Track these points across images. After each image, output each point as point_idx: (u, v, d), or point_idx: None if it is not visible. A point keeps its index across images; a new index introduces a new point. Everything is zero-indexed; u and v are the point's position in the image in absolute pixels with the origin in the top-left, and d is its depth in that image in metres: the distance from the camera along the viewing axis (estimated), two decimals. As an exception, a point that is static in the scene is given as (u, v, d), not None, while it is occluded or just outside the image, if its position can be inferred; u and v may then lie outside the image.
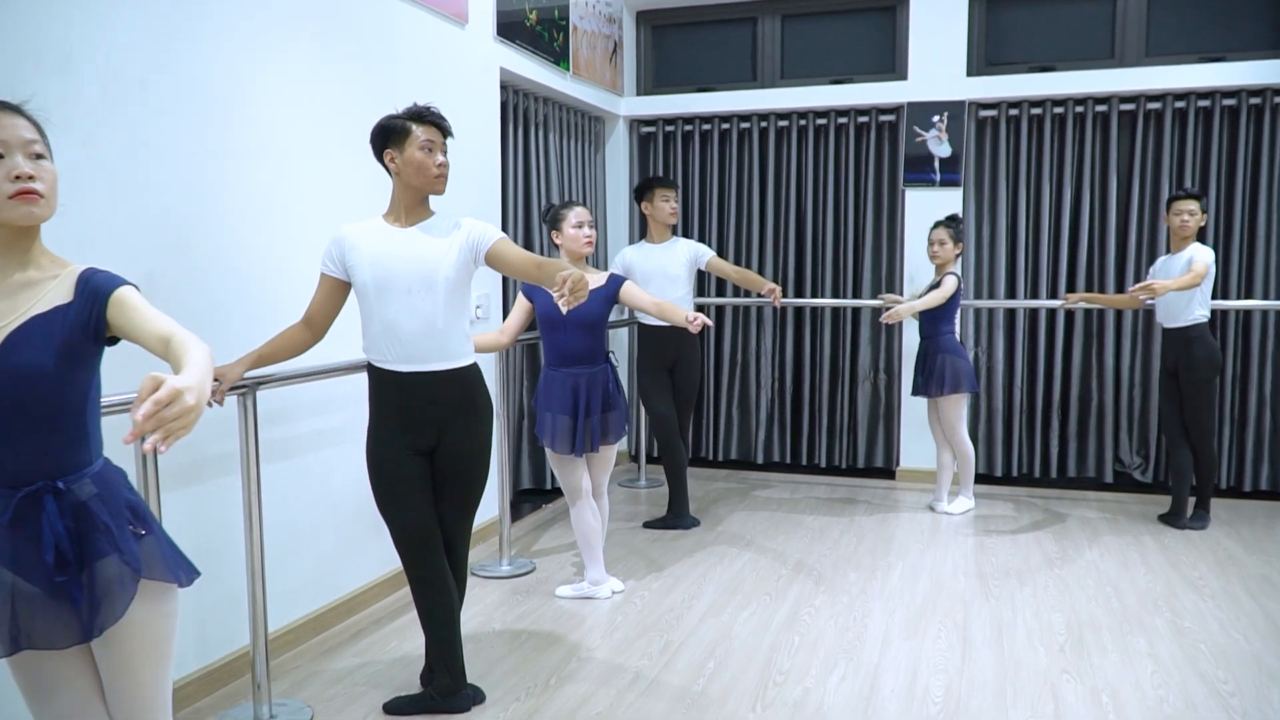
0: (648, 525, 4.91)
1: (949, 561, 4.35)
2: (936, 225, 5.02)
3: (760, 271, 6.17)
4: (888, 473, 6.03)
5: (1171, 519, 4.89)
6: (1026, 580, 4.07)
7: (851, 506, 5.33)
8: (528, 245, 5.29)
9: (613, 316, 4.18)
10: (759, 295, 5.05)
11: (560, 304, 2.35)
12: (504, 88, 4.99)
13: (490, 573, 4.17)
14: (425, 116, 2.71)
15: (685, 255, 4.85)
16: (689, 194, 6.30)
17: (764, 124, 6.11)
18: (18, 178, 1.63)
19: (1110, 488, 5.69)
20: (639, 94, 6.37)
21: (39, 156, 1.67)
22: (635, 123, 6.34)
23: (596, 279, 3.69)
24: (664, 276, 4.80)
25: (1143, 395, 5.67)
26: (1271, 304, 5.29)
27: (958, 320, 5.25)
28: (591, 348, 3.68)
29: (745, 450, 6.34)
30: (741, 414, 6.32)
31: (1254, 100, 5.35)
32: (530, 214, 5.33)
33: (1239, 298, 5.46)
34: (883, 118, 5.90)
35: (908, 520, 5.04)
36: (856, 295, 6.03)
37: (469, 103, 4.43)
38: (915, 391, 5.09)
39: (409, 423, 2.75)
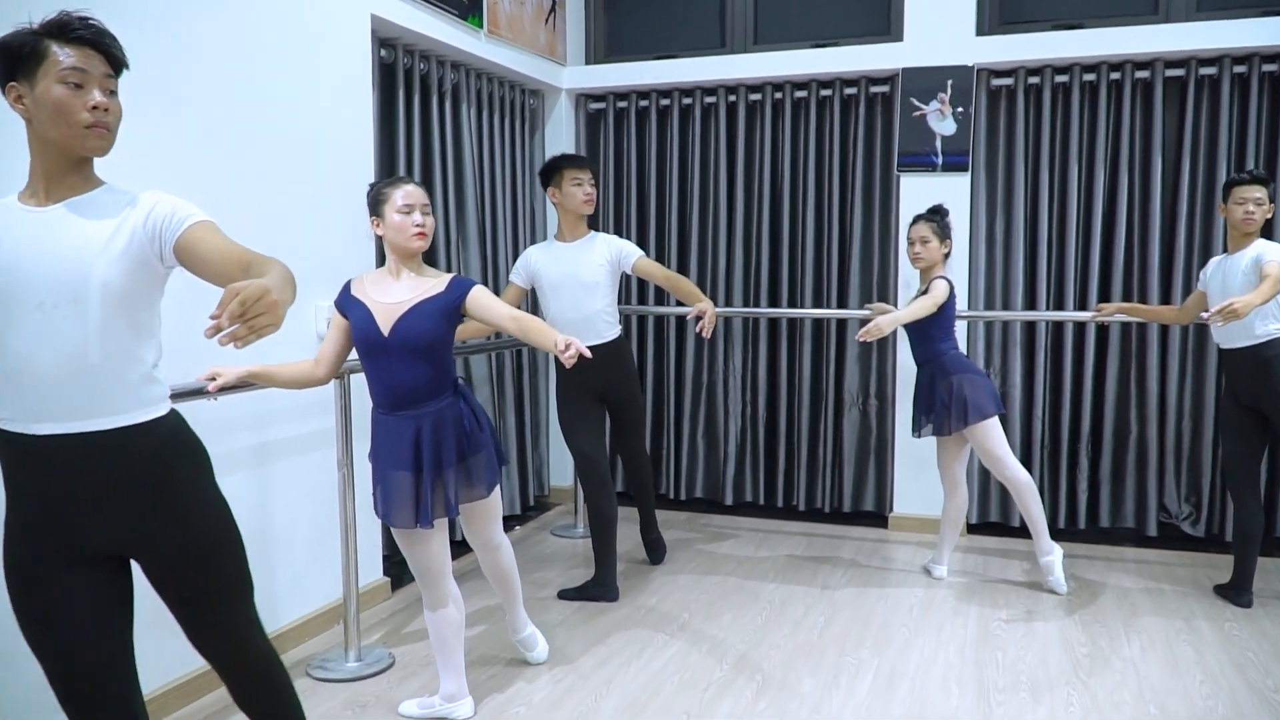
0: (563, 595, 3.90)
1: (940, 660, 3.31)
2: (916, 220, 3.98)
3: (730, 276, 5.14)
4: (879, 519, 4.99)
5: (1233, 593, 3.82)
6: (1041, 696, 3.02)
7: (828, 568, 4.30)
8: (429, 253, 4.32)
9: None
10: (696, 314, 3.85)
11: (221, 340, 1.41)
12: (388, 45, 4.01)
13: (329, 672, 3.18)
14: (71, 30, 1.72)
15: (605, 256, 3.83)
16: (645, 184, 5.29)
17: (733, 98, 5.09)
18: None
19: (1152, 543, 4.61)
20: (587, 63, 5.37)
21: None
22: (582, 97, 5.33)
23: (427, 286, 2.70)
24: (577, 284, 3.79)
25: (1193, 430, 4.59)
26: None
27: (959, 336, 4.21)
28: (430, 379, 2.68)
29: (713, 488, 5.32)
30: (708, 446, 5.30)
31: (1338, 62, 4.26)
32: (431, 205, 4.34)
33: (1316, 309, 4.37)
34: (874, 89, 4.86)
35: (896, 591, 3.99)
36: (843, 304, 4.99)
37: (326, 58, 3.46)
38: (919, 431, 4.04)
39: (53, 518, 1.77)
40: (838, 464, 5.06)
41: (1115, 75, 4.52)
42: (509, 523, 4.94)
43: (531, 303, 4.76)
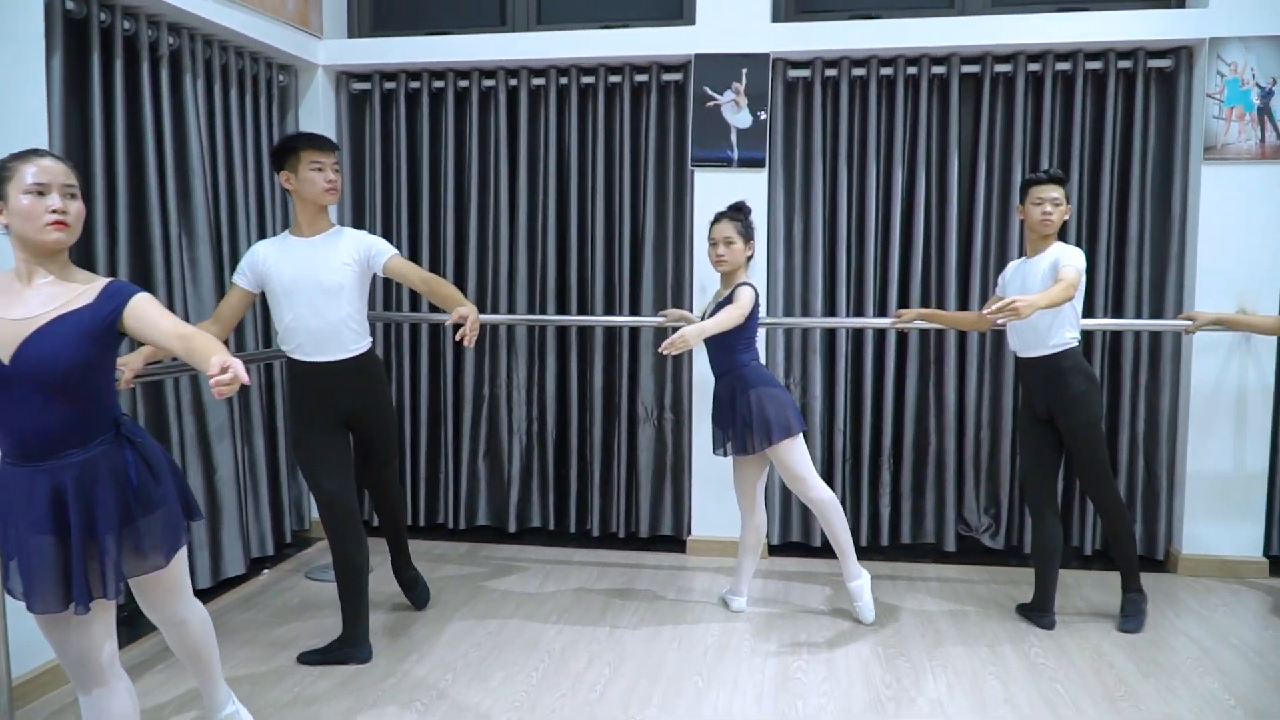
0: (304, 660, 3.28)
1: (738, 713, 2.92)
2: (719, 218, 3.62)
3: (514, 280, 4.64)
4: (677, 543, 4.61)
5: (1035, 614, 3.64)
6: (845, 755, 2.68)
7: (619, 603, 3.86)
8: (84, 253, 3.61)
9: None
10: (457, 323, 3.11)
11: None
12: (76, -5, 3.28)
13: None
14: None
15: (351, 254, 3.23)
16: (417, 177, 4.71)
17: (514, 81, 4.59)
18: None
19: (952, 558, 4.44)
20: (349, 37, 4.74)
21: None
22: (343, 76, 4.70)
23: (69, 295, 2.06)
24: (317, 287, 3.18)
25: (992, 440, 4.45)
26: (1146, 324, 4.15)
27: (761, 345, 3.88)
28: (72, 421, 2.04)
29: (497, 514, 4.79)
30: (491, 468, 4.77)
31: (1124, 63, 4.19)
32: (142, 193, 3.63)
33: (1106, 315, 4.31)
34: (666, 76, 4.48)
35: (691, 630, 3.60)
36: (636, 311, 4.58)
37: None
38: (721, 449, 3.67)
39: None
40: (633, 484, 4.64)
41: (912, 70, 4.31)
42: (260, 563, 4.26)
43: (262, 310, 4.11)
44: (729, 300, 3.50)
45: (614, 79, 4.50)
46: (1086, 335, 4.04)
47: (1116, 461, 4.31)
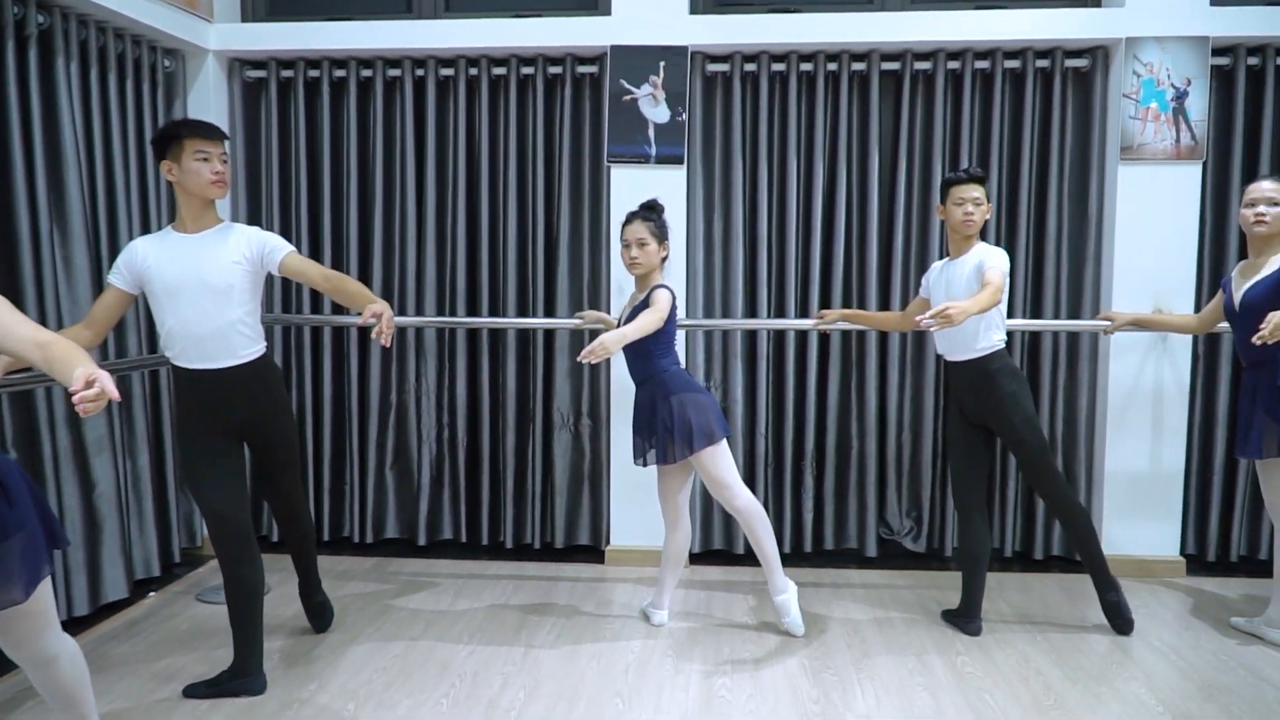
0: (190, 693, 3.01)
1: (659, 738, 2.77)
2: (630, 219, 3.47)
3: (422, 281, 4.41)
4: (595, 553, 4.44)
5: (962, 620, 3.57)
6: (774, 781, 2.55)
7: (535, 619, 3.67)
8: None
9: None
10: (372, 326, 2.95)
11: None
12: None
13: None
14: None
15: (242, 252, 2.97)
16: (317, 172, 4.44)
17: (421, 71, 4.36)
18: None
19: (874, 563, 4.36)
20: (243, 20, 4.45)
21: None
22: (236, 63, 4.41)
23: None
24: (203, 288, 2.92)
25: (913, 442, 4.39)
26: (1064, 324, 4.13)
27: (680, 348, 3.73)
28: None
29: (406, 526, 4.56)
30: (399, 478, 4.54)
31: (1042, 63, 4.17)
32: (7, 185, 3.32)
33: (1025, 315, 4.28)
34: (581, 68, 4.31)
35: (611, 647, 3.43)
36: (551, 313, 4.40)
37: None
38: (642, 458, 3.51)
39: None
40: (549, 493, 4.46)
41: (832, 66, 4.22)
42: (144, 586, 3.96)
43: (145, 310, 3.82)
44: (645, 304, 3.35)
45: (526, 70, 4.31)
46: (1006, 335, 4.00)
47: (1037, 462, 4.28)
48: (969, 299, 3.09)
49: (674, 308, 3.39)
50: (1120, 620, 3.49)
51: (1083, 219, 4.22)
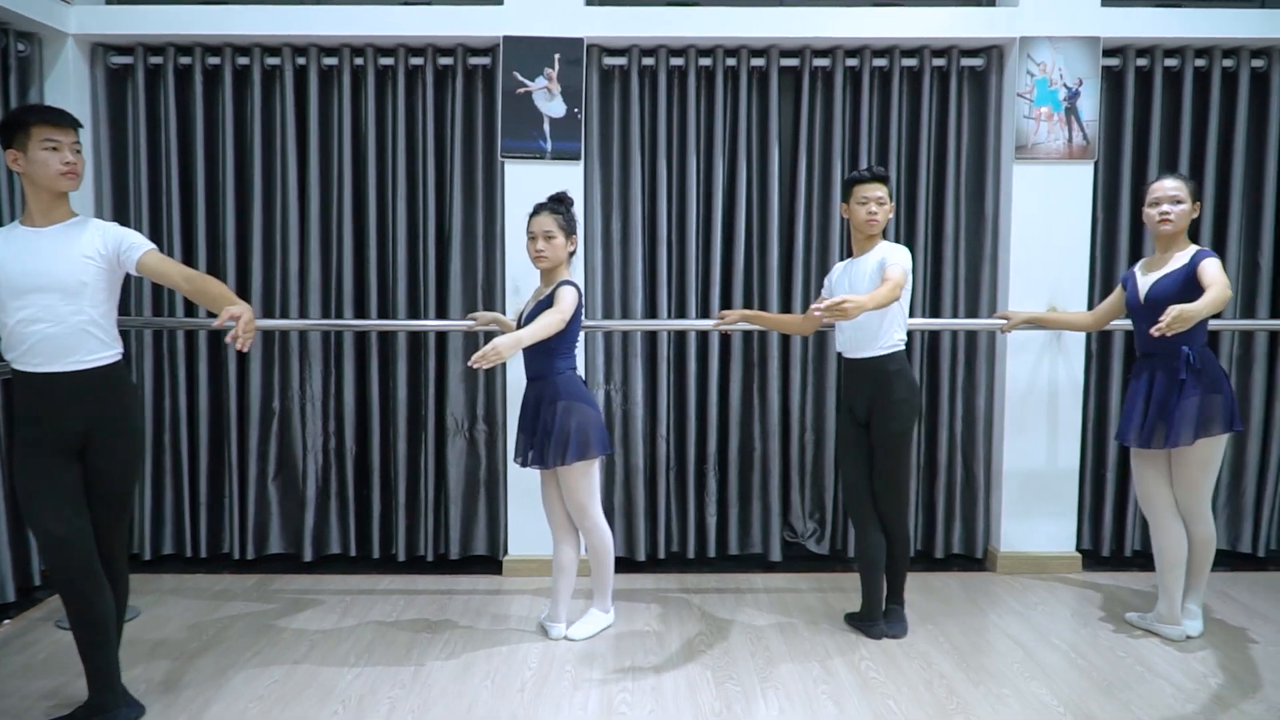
0: (40, 732, 2.76)
1: (554, 761, 2.63)
2: (538, 210, 3.34)
3: (305, 282, 4.17)
4: (493, 564, 4.27)
5: (864, 624, 3.52)
6: (674, 803, 2.43)
7: (428, 637, 3.48)
8: None
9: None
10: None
11: None
12: None
13: None
14: None
15: (97, 248, 2.70)
16: (190, 167, 4.17)
17: (303, 60, 4.13)
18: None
19: (779, 566, 4.30)
20: (107, 2, 4.15)
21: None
22: (99, 48, 4.10)
23: None
24: (54, 286, 2.63)
25: (815, 442, 4.34)
26: (962, 323, 4.14)
27: (580, 351, 3.60)
28: None
29: (291, 540, 4.31)
30: (283, 490, 4.29)
31: (938, 61, 4.17)
32: None
33: (924, 314, 4.27)
34: (473, 60, 4.14)
35: (507, 665, 3.27)
36: (443, 314, 4.21)
37: None
38: (521, 458, 3.39)
39: None
40: (442, 503, 4.27)
41: (731, 61, 4.15)
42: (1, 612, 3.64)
43: None
44: (549, 301, 3.22)
45: (415, 61, 4.12)
46: (906, 336, 3.98)
47: (935, 461, 4.29)
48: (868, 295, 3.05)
49: (580, 307, 3.27)
50: (899, 624, 3.48)
51: (979, 218, 4.23)
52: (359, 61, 4.10)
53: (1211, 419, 3.26)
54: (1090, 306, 4.13)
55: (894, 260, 3.23)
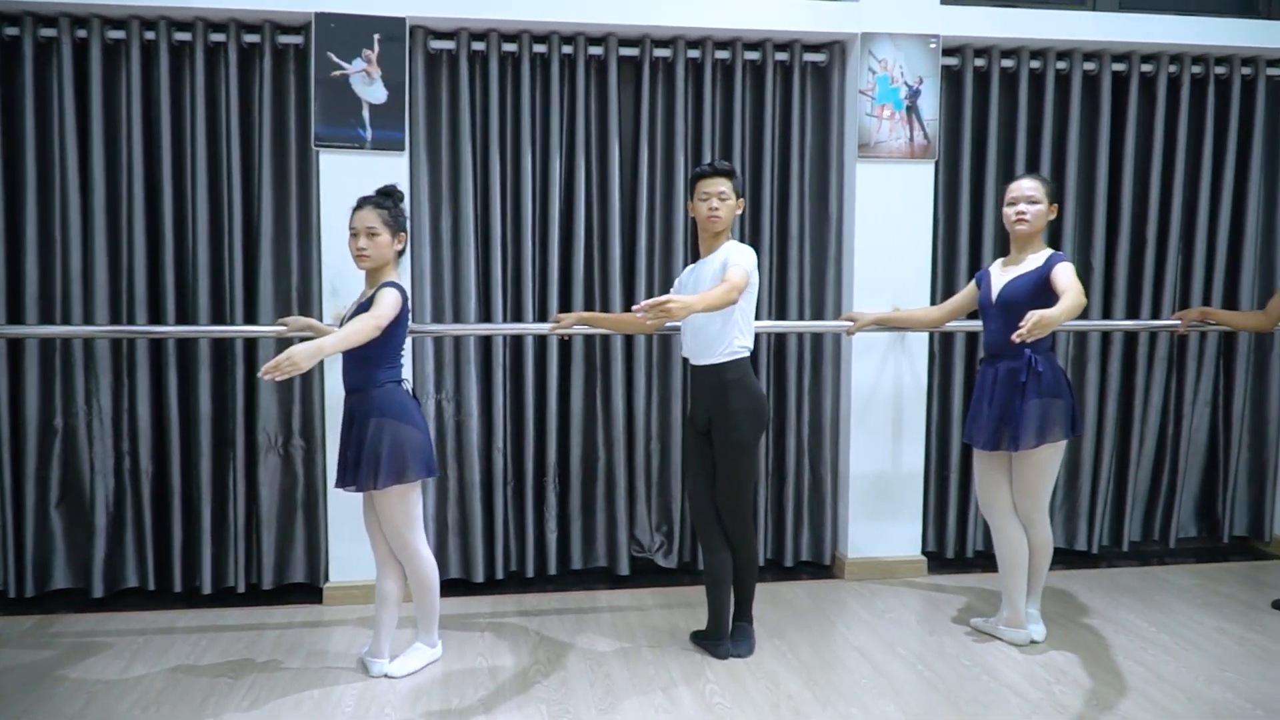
0: None
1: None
2: (361, 205, 3.02)
3: (89, 283, 3.71)
4: (312, 591, 3.90)
5: (710, 643, 3.34)
6: None
7: (228, 683, 3.09)
8: None
9: None
10: None
11: None
12: None
13: None
14: None
15: None
16: (-51, 145, 3.64)
17: (83, 33, 3.65)
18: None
19: (625, 581, 4.09)
20: None
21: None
22: None
23: None
24: None
25: (662, 451, 4.15)
26: (809, 325, 4.03)
27: (406, 359, 3.28)
28: None
29: (79, 574, 3.83)
30: (69, 518, 3.80)
31: (781, 55, 4.04)
32: None
33: (770, 317, 4.14)
34: (283, 38, 3.76)
35: (320, 704, 2.93)
36: (252, 319, 3.81)
37: None
38: (340, 481, 3.05)
39: None
40: (254, 527, 3.87)
41: (568, 49, 3.91)
42: None
43: None
44: (367, 305, 2.90)
45: (217, 38, 3.71)
46: (752, 343, 3.83)
47: (784, 467, 4.17)
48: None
49: (405, 310, 2.96)
50: (745, 643, 3.31)
51: (824, 218, 4.13)
52: (150, 36, 3.66)
53: (1053, 424, 3.23)
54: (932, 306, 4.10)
55: (735, 261, 3.06)
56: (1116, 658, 3.28)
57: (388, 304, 2.89)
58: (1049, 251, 3.26)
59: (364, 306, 2.95)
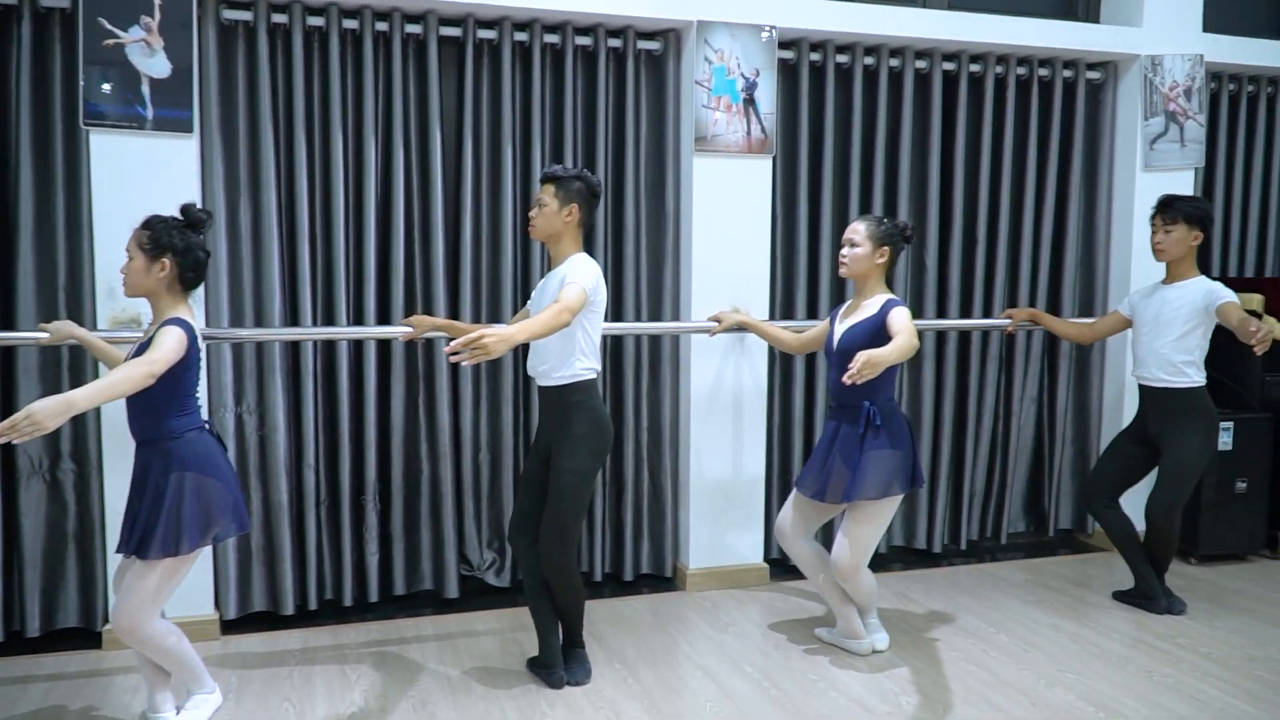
0: None
1: None
2: (145, 225, 2.58)
3: None
4: (90, 636, 3.41)
5: (543, 670, 3.08)
6: None
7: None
8: None
9: None
10: None
11: None
12: None
13: None
14: None
15: None
16: None
17: None
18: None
19: (453, 606, 3.78)
20: None
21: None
22: None
23: None
24: None
25: (492, 462, 3.87)
26: (668, 326, 3.88)
27: (202, 388, 2.82)
28: None
29: None
30: None
31: (614, 42, 3.83)
32: None
33: (608, 318, 3.90)
34: (46, 1, 3.26)
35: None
36: (9, 324, 3.30)
37: None
38: (122, 546, 2.58)
39: None
40: (14, 564, 3.34)
41: (382, 26, 3.57)
42: None
43: None
44: (149, 344, 2.46)
45: (-38, -3, 3.18)
46: (598, 366, 3.60)
47: (622, 477, 3.96)
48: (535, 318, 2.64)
49: (194, 351, 2.52)
50: (582, 669, 3.09)
51: (660, 213, 3.95)
52: (-125, -9, 3.10)
53: (892, 478, 3.13)
54: (772, 306, 4.00)
55: (572, 279, 2.81)
56: (960, 663, 3.22)
57: (166, 348, 2.40)
58: (885, 296, 3.17)
59: (143, 347, 2.51)
